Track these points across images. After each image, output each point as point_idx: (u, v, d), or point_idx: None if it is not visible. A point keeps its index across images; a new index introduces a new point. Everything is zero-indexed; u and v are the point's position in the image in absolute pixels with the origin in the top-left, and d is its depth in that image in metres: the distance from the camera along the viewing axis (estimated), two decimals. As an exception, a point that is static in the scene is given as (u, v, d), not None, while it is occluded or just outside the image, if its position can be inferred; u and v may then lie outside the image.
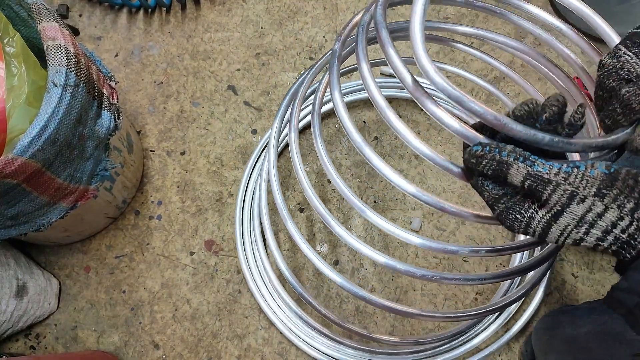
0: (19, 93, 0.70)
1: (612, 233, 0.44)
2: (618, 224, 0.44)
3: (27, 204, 0.76)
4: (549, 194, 0.45)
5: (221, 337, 0.99)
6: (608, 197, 0.44)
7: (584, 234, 0.45)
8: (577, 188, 0.45)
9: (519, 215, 0.48)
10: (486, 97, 1.14)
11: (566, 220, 0.45)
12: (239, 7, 1.22)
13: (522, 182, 0.46)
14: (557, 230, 0.46)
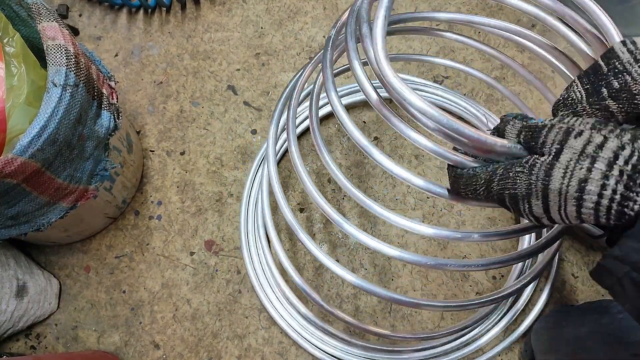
0: (18, 93, 0.70)
1: (616, 165, 0.41)
2: (620, 153, 0.42)
3: (27, 204, 0.76)
4: (545, 134, 0.45)
5: (221, 337, 0.99)
6: (605, 130, 0.43)
7: (587, 170, 0.42)
8: (572, 125, 0.44)
9: (519, 167, 0.46)
10: (486, 97, 1.14)
11: (567, 156, 0.43)
12: (239, 7, 1.22)
13: (517, 135, 0.47)
14: (560, 170, 0.43)
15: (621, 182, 0.41)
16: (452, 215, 1.05)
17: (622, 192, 0.41)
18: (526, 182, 0.45)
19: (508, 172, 0.46)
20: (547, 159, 0.44)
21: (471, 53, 1.17)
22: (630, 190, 0.41)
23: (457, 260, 0.60)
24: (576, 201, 0.43)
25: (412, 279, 1.01)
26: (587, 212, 0.43)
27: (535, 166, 0.44)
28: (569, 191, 0.43)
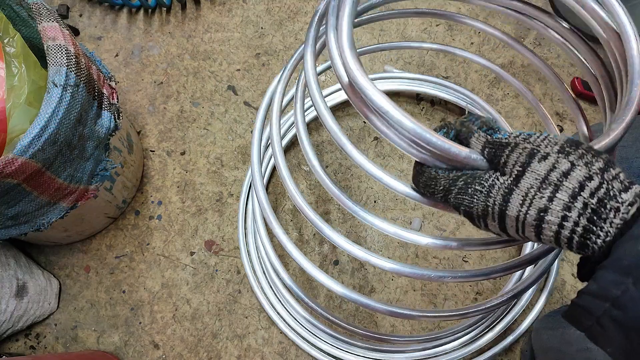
0: (19, 93, 0.70)
1: (580, 197, 0.37)
2: (586, 184, 0.38)
3: (27, 204, 0.76)
4: (508, 154, 0.41)
5: (221, 337, 0.99)
6: (574, 155, 0.39)
7: (548, 199, 0.38)
8: (539, 146, 0.40)
9: (478, 186, 0.42)
10: (486, 97, 1.14)
11: (528, 181, 0.39)
12: (239, 8, 1.22)
13: (482, 150, 0.44)
14: (518, 197, 0.40)
15: (584, 216, 0.37)
16: (452, 215, 1.05)
17: (584, 225, 0.38)
18: (483, 202, 0.42)
19: (467, 187, 0.43)
20: (507, 182, 0.40)
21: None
22: (593, 224, 0.37)
23: (455, 271, 0.59)
24: (534, 229, 0.40)
25: (412, 279, 1.01)
26: (546, 239, 0.40)
27: (494, 188, 0.41)
28: (526, 219, 0.40)
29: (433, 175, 0.46)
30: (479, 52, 1.17)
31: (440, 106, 1.13)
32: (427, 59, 1.17)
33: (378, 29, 1.19)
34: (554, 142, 0.40)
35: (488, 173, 0.42)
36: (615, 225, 0.37)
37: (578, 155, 0.39)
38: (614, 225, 0.37)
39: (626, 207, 0.37)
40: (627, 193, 0.37)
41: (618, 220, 0.37)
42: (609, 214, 0.37)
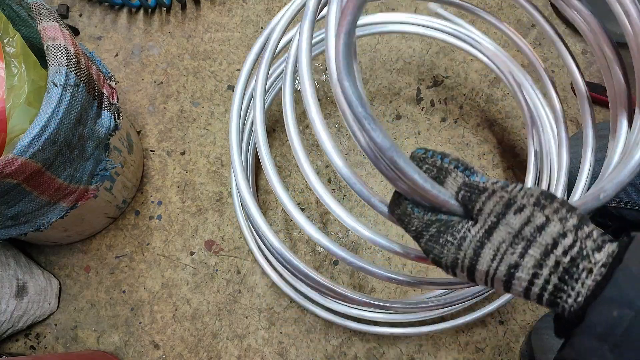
0: (19, 93, 0.70)
1: (552, 255, 0.37)
2: (560, 241, 0.37)
3: (27, 204, 0.76)
4: (483, 201, 0.40)
5: (221, 337, 0.99)
6: (549, 209, 0.38)
7: (520, 255, 0.37)
8: (515, 197, 0.39)
9: (450, 237, 0.41)
10: (486, 97, 1.14)
11: (501, 234, 0.38)
12: (239, 7, 1.22)
13: (457, 192, 0.42)
14: (490, 251, 0.39)
15: (555, 274, 0.37)
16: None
17: (555, 283, 0.37)
18: (453, 254, 0.41)
19: (439, 236, 0.42)
20: (479, 234, 0.39)
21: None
22: (565, 283, 0.36)
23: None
24: (504, 284, 0.39)
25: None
26: (515, 292, 0.39)
27: (466, 240, 0.40)
28: (496, 274, 0.39)
29: (408, 212, 0.45)
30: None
31: (441, 105, 1.13)
32: (427, 58, 1.17)
33: (378, 29, 1.19)
34: (530, 193, 0.40)
35: (461, 223, 0.41)
36: (587, 286, 0.36)
37: (553, 210, 0.38)
38: (586, 287, 0.36)
39: (599, 269, 0.36)
40: (600, 253, 0.37)
41: (590, 282, 0.36)
42: (581, 275, 0.36)
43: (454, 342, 0.99)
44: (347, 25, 0.43)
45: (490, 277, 0.39)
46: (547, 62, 1.16)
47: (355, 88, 0.43)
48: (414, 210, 0.45)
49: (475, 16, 0.91)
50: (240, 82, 0.75)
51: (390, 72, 1.16)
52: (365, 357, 0.98)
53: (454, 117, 1.13)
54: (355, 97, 0.43)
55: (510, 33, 0.88)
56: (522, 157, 1.10)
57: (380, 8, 1.20)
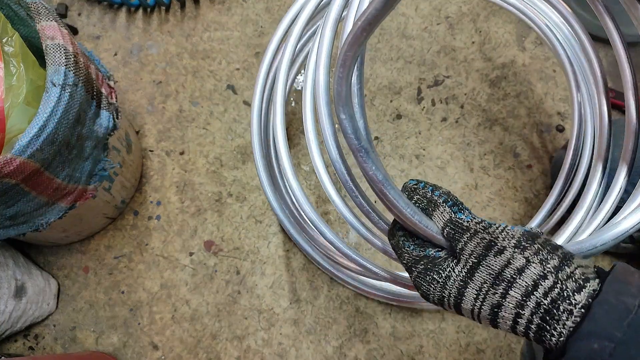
0: (17, 92, 0.69)
1: (533, 296, 0.37)
2: (540, 283, 0.38)
3: (26, 204, 0.75)
4: (465, 242, 0.41)
5: (220, 338, 0.99)
6: (529, 250, 0.39)
7: (501, 296, 0.39)
8: (496, 238, 0.41)
9: (436, 275, 0.42)
10: (487, 96, 1.14)
11: (482, 275, 0.40)
12: (239, 6, 1.21)
13: (442, 228, 0.44)
14: (472, 291, 0.40)
15: (537, 315, 0.37)
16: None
17: (538, 323, 0.38)
18: (439, 293, 0.43)
19: (426, 274, 0.43)
20: (462, 273, 0.41)
21: (472, 52, 1.16)
22: (547, 323, 0.37)
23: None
24: (490, 322, 0.41)
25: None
26: (503, 330, 0.40)
27: (450, 279, 0.41)
28: (481, 313, 0.40)
29: (400, 245, 0.47)
30: (480, 51, 1.16)
31: (442, 105, 1.13)
32: (427, 57, 1.16)
33: (379, 29, 1.19)
34: (512, 235, 0.41)
35: (447, 261, 0.43)
36: (567, 327, 0.36)
37: (534, 252, 0.39)
38: (567, 327, 0.36)
39: (579, 310, 0.36)
40: (581, 294, 0.37)
41: (570, 323, 0.36)
42: (561, 316, 0.37)
43: (454, 343, 0.99)
44: (348, 60, 0.43)
45: (476, 315, 0.41)
46: (549, 62, 1.16)
47: (351, 121, 0.44)
48: (404, 244, 0.46)
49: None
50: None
51: (390, 71, 1.16)
52: (366, 358, 0.98)
53: (455, 116, 1.12)
54: (351, 130, 0.44)
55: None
56: (523, 156, 1.10)
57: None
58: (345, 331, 0.99)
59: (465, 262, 0.41)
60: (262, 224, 1.05)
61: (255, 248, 1.03)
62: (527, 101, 1.13)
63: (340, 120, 0.45)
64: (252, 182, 1.07)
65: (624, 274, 0.37)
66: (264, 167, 0.77)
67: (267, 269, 1.02)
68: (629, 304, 0.35)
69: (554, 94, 1.13)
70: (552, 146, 1.10)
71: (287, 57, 0.72)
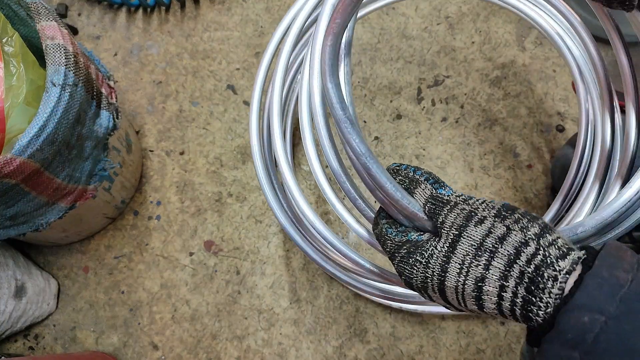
0: (17, 92, 0.69)
1: (516, 265, 0.36)
2: (522, 250, 0.36)
3: (26, 204, 0.75)
4: (446, 214, 0.41)
5: (220, 338, 0.99)
6: (510, 219, 0.38)
7: (484, 267, 0.37)
8: (476, 209, 0.40)
9: (419, 256, 0.41)
10: (487, 96, 1.14)
11: (464, 247, 0.38)
12: (239, 6, 1.21)
13: (424, 204, 0.43)
14: (455, 265, 0.39)
15: (522, 285, 0.36)
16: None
17: (523, 295, 0.36)
18: (422, 275, 0.41)
19: (409, 257, 0.42)
20: (444, 249, 0.39)
21: (472, 52, 1.16)
22: (532, 295, 0.36)
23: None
24: (475, 300, 0.39)
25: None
26: (489, 311, 0.39)
27: (432, 257, 0.40)
28: (465, 290, 0.38)
29: (383, 232, 0.46)
30: (480, 51, 1.16)
31: (442, 105, 1.13)
32: (427, 57, 1.16)
33: (378, 28, 1.19)
34: (492, 206, 0.40)
35: (429, 242, 0.42)
36: (554, 295, 0.35)
37: (514, 220, 0.38)
38: (553, 296, 0.35)
39: (564, 276, 0.35)
40: (565, 260, 0.36)
41: (556, 290, 0.35)
42: (546, 283, 0.36)
43: (454, 343, 0.99)
44: (336, 27, 0.43)
45: (460, 295, 0.39)
46: (549, 62, 1.16)
47: (338, 90, 0.44)
48: (387, 232, 0.46)
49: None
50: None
51: (390, 71, 1.16)
52: (366, 358, 0.98)
53: (455, 116, 1.12)
54: (336, 100, 0.43)
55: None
56: (523, 156, 1.10)
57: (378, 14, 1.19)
58: (345, 331, 0.99)
59: (446, 236, 0.40)
60: (262, 224, 1.05)
61: (255, 248, 1.03)
62: (527, 101, 1.13)
63: (326, 90, 0.44)
64: (252, 182, 1.07)
65: (616, 250, 0.36)
66: (264, 169, 0.76)
67: (267, 269, 1.02)
68: (622, 278, 0.34)
69: (554, 94, 1.13)
70: (552, 146, 1.10)
71: (284, 58, 0.72)
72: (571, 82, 1.13)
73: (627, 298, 0.33)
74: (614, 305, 0.33)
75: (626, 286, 0.33)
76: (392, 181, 0.44)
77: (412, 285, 0.43)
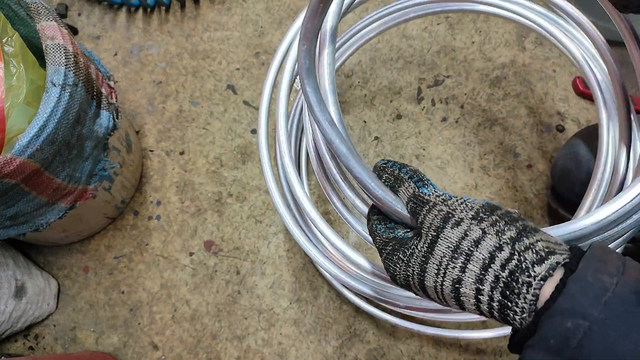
0: (17, 93, 0.69)
1: (491, 269, 0.36)
2: (496, 255, 0.36)
3: (26, 204, 0.75)
4: (425, 214, 0.40)
5: (220, 338, 0.99)
6: (486, 222, 0.38)
7: (460, 270, 0.37)
8: (454, 210, 0.39)
9: (401, 254, 0.42)
10: (487, 96, 1.14)
11: (441, 249, 0.38)
12: (239, 6, 1.21)
13: (407, 203, 0.43)
14: (433, 266, 0.38)
15: (497, 290, 0.35)
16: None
17: (499, 300, 0.36)
18: (404, 272, 0.41)
19: (393, 255, 0.43)
20: (424, 249, 0.39)
21: (472, 52, 1.16)
22: (507, 299, 0.35)
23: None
24: (455, 300, 0.38)
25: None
26: (471, 310, 0.38)
27: (413, 256, 0.40)
28: (444, 290, 0.38)
29: (373, 228, 0.46)
30: (480, 51, 1.16)
31: (442, 105, 1.13)
32: (428, 57, 1.16)
33: (378, 28, 1.19)
34: (470, 206, 0.39)
35: (412, 240, 0.42)
36: (528, 301, 0.34)
37: (490, 223, 0.37)
38: (528, 302, 0.34)
39: (538, 282, 0.34)
40: (542, 265, 0.35)
41: (530, 297, 0.34)
42: (521, 289, 0.35)
43: (454, 343, 0.99)
44: (307, 32, 0.45)
45: (440, 294, 0.39)
46: (549, 62, 1.16)
47: (316, 93, 0.46)
48: (377, 227, 0.46)
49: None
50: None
51: (391, 71, 1.16)
52: (366, 358, 0.98)
53: (455, 116, 1.12)
54: (315, 102, 0.45)
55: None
56: (523, 156, 1.10)
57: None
58: (345, 331, 0.99)
59: (425, 236, 0.40)
60: (262, 224, 1.05)
61: (255, 248, 1.03)
62: (527, 101, 1.13)
63: (305, 93, 0.45)
64: (252, 182, 1.07)
65: (601, 253, 0.35)
66: (269, 168, 0.76)
67: (267, 269, 1.02)
68: (607, 283, 0.33)
69: (554, 94, 1.13)
70: (552, 146, 1.10)
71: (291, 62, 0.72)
72: (571, 82, 1.13)
73: (611, 302, 0.32)
74: (598, 310, 0.32)
75: (611, 290, 0.32)
76: (374, 180, 0.44)
77: (396, 281, 0.44)
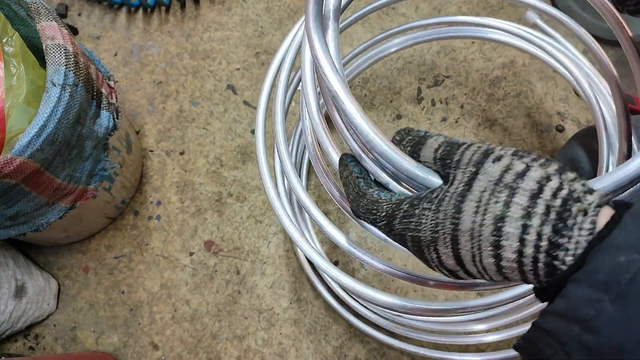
0: (17, 93, 0.69)
1: (541, 200, 0.32)
2: (545, 185, 0.32)
3: (26, 204, 0.75)
4: (462, 152, 0.37)
5: (221, 338, 0.99)
6: (527, 158, 0.34)
7: (504, 205, 0.33)
8: (492, 148, 0.36)
9: (426, 203, 0.37)
10: (487, 96, 1.14)
11: (481, 184, 0.34)
12: (239, 6, 1.21)
13: (436, 150, 0.39)
14: (472, 204, 0.34)
15: (547, 223, 0.31)
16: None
17: (549, 236, 0.31)
18: (433, 221, 0.36)
19: (414, 207, 0.37)
20: (459, 188, 0.35)
21: (472, 52, 1.16)
22: (559, 234, 0.31)
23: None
24: (493, 249, 0.33)
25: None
26: (508, 265, 0.33)
27: (445, 200, 0.36)
28: (482, 233, 0.33)
29: (375, 198, 0.41)
30: (480, 51, 1.16)
31: (442, 105, 1.13)
32: (428, 57, 1.16)
33: (378, 28, 1.19)
34: (508, 147, 0.36)
35: (435, 191, 0.37)
36: (585, 231, 0.31)
37: (532, 158, 0.35)
38: (585, 233, 0.31)
39: (595, 209, 0.31)
40: (593, 195, 0.32)
41: (588, 225, 0.31)
42: (576, 218, 0.31)
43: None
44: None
45: (476, 242, 0.34)
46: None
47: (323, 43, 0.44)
48: (380, 195, 0.41)
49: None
50: None
51: (390, 71, 1.16)
52: (366, 358, 0.98)
53: (455, 116, 1.12)
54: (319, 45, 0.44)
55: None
56: (522, 157, 1.10)
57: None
58: (345, 331, 0.99)
59: (462, 174, 0.36)
60: (262, 224, 1.05)
61: (255, 248, 1.04)
62: (527, 101, 1.13)
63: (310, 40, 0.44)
64: (252, 182, 1.07)
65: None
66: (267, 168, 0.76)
67: (267, 269, 1.02)
68: None
69: (554, 94, 1.13)
70: (552, 146, 1.10)
71: (289, 62, 0.72)
72: (571, 82, 1.13)
73: None
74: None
75: None
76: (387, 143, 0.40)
77: (419, 243, 0.38)
